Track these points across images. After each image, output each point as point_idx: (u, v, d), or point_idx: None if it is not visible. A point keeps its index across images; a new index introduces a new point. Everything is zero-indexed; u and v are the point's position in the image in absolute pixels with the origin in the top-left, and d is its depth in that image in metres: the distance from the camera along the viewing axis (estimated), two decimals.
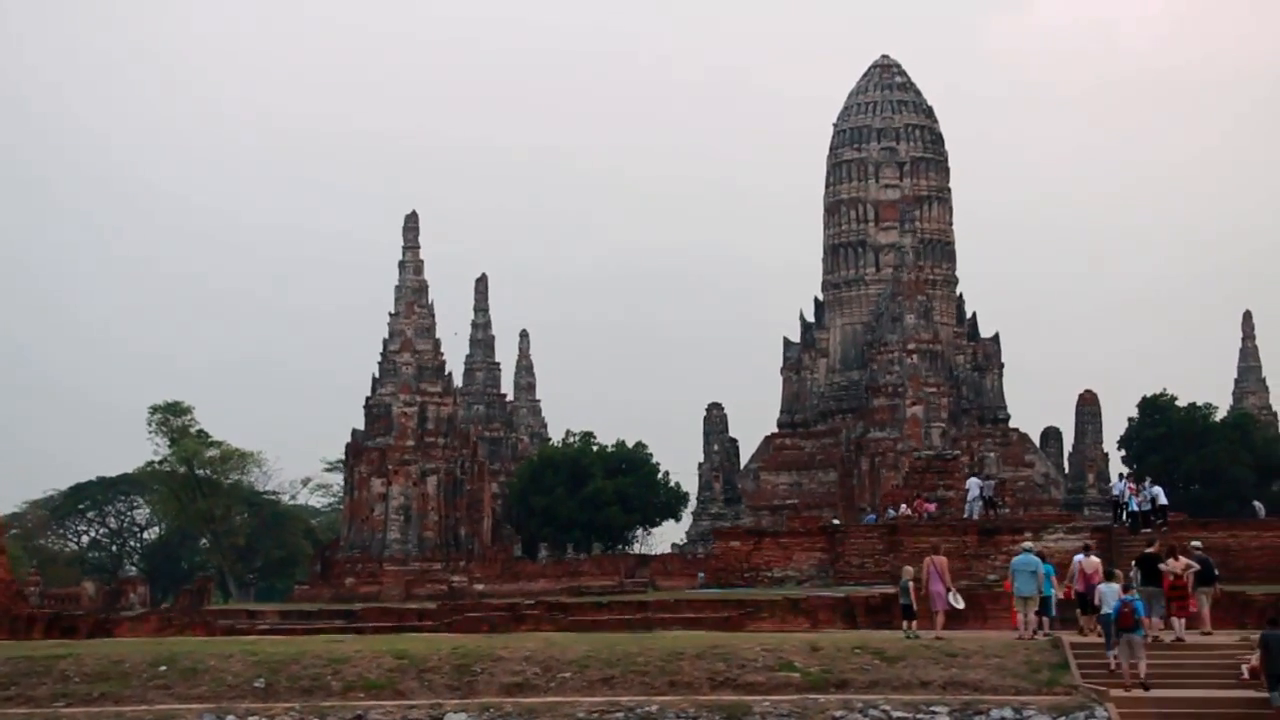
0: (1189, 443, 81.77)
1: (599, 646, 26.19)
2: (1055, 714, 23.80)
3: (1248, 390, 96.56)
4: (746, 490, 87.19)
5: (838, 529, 48.65)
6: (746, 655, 25.88)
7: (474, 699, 24.21)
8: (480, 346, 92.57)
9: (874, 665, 25.65)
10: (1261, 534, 46.68)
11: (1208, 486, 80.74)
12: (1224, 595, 34.23)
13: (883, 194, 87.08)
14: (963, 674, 25.42)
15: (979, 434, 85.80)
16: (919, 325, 77.53)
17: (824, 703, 24.21)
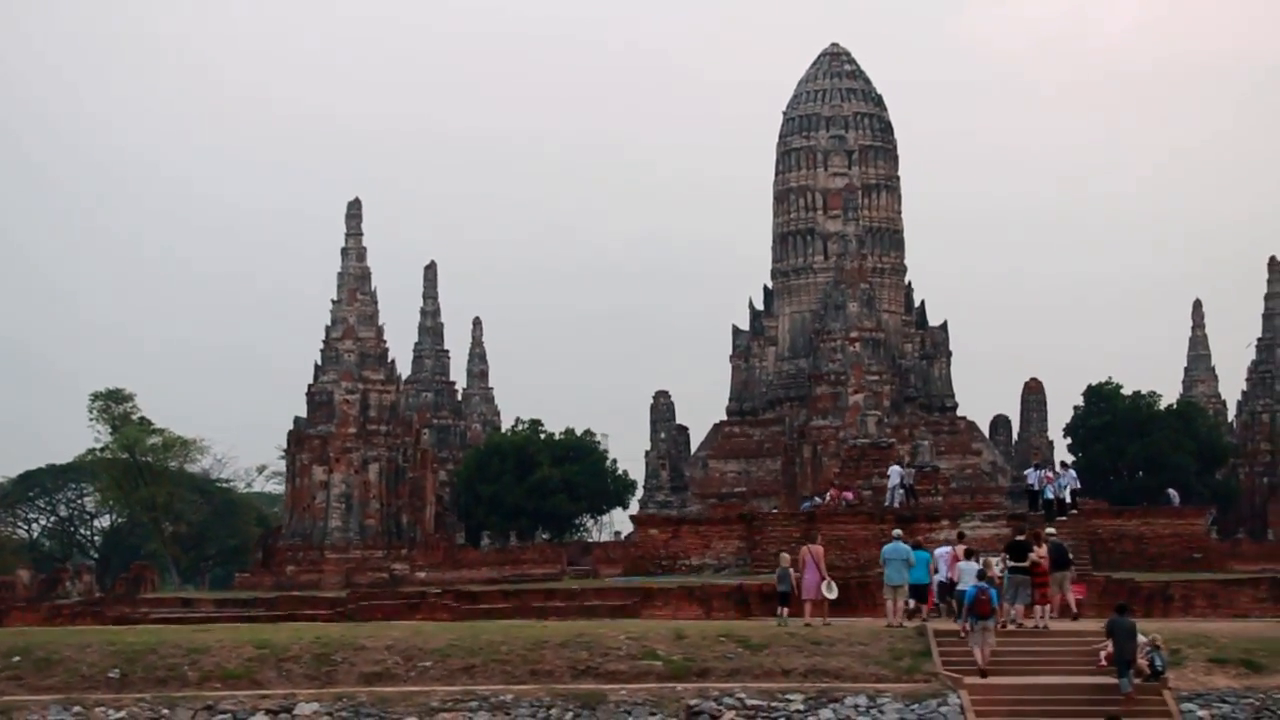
0: (1133, 431, 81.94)
1: (463, 636, 26.19)
2: (909, 701, 23.92)
3: (1197, 379, 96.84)
4: (695, 478, 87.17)
5: (755, 517, 48.74)
6: (610, 644, 25.93)
7: (331, 689, 24.18)
8: (429, 334, 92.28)
9: (737, 654, 25.72)
10: (1174, 522, 47.04)
11: (1151, 474, 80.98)
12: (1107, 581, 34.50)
13: (831, 182, 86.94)
14: (825, 662, 25.53)
15: (927, 422, 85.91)
16: (862, 314, 77.56)
17: (680, 691, 24.28)
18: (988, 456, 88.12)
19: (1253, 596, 33.57)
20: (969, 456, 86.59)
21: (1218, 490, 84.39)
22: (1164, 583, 34.28)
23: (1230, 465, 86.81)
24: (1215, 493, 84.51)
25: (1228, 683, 24.51)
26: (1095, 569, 44.21)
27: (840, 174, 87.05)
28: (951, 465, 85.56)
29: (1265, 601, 33.45)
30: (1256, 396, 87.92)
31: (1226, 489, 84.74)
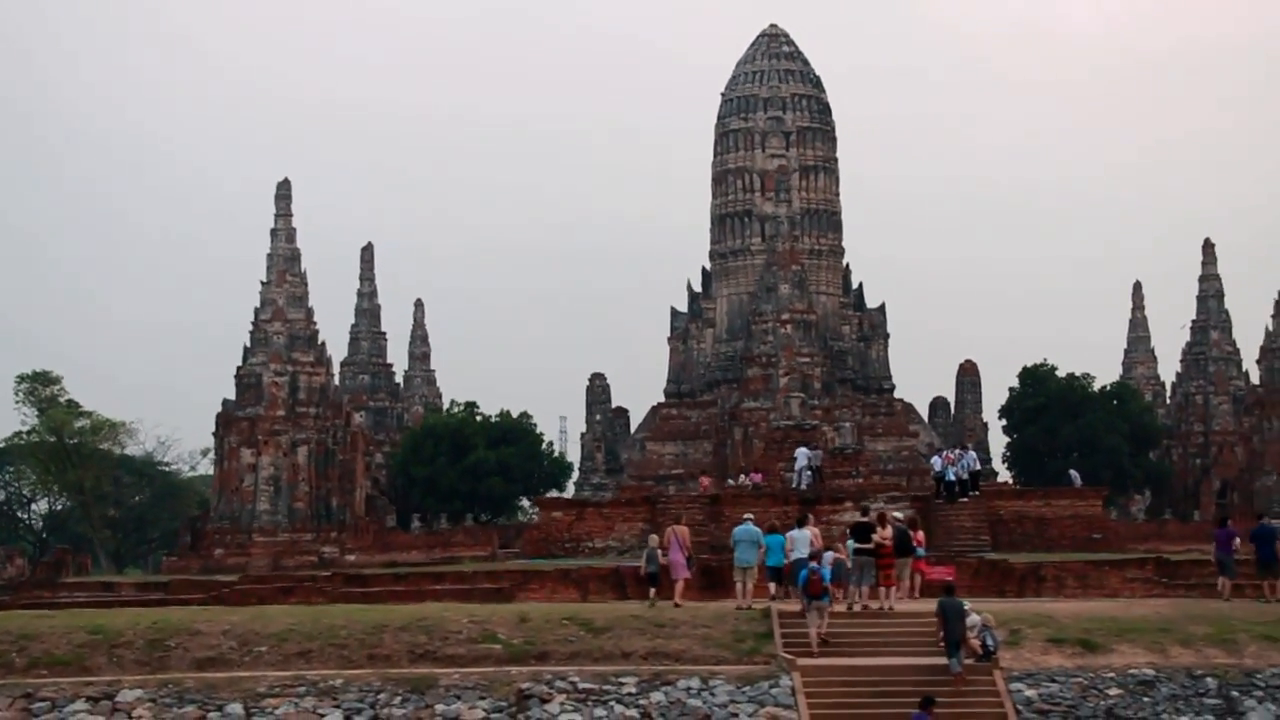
0: (1067, 412, 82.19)
1: (303, 620, 26.01)
2: (741, 683, 23.85)
3: (1137, 360, 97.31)
4: (633, 460, 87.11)
5: (659, 499, 48.68)
6: (451, 628, 25.78)
7: (160, 675, 23.97)
8: (366, 316, 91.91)
9: (579, 636, 25.60)
10: (1075, 503, 47.17)
11: (1085, 455, 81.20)
12: (985, 563, 34.55)
13: (769, 164, 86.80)
14: (666, 644, 25.43)
15: (863, 404, 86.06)
16: (793, 295, 77.52)
17: (515, 674, 24.15)
18: (924, 438, 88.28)
19: (1123, 577, 33.66)
20: (905, 438, 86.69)
21: (1151, 472, 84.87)
22: (1035, 563, 34.34)
23: (1164, 447, 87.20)
24: (1148, 474, 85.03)
25: (1061, 662, 24.53)
26: (996, 550, 44.37)
27: (778, 156, 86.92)
28: (888, 447, 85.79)
29: (1135, 581, 33.53)
30: (1190, 378, 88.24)
31: (1159, 470, 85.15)
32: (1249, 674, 24.06)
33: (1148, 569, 38.25)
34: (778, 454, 63.75)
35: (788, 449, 62.57)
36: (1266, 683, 23.84)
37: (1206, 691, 23.71)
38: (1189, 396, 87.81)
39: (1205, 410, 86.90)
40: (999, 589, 33.51)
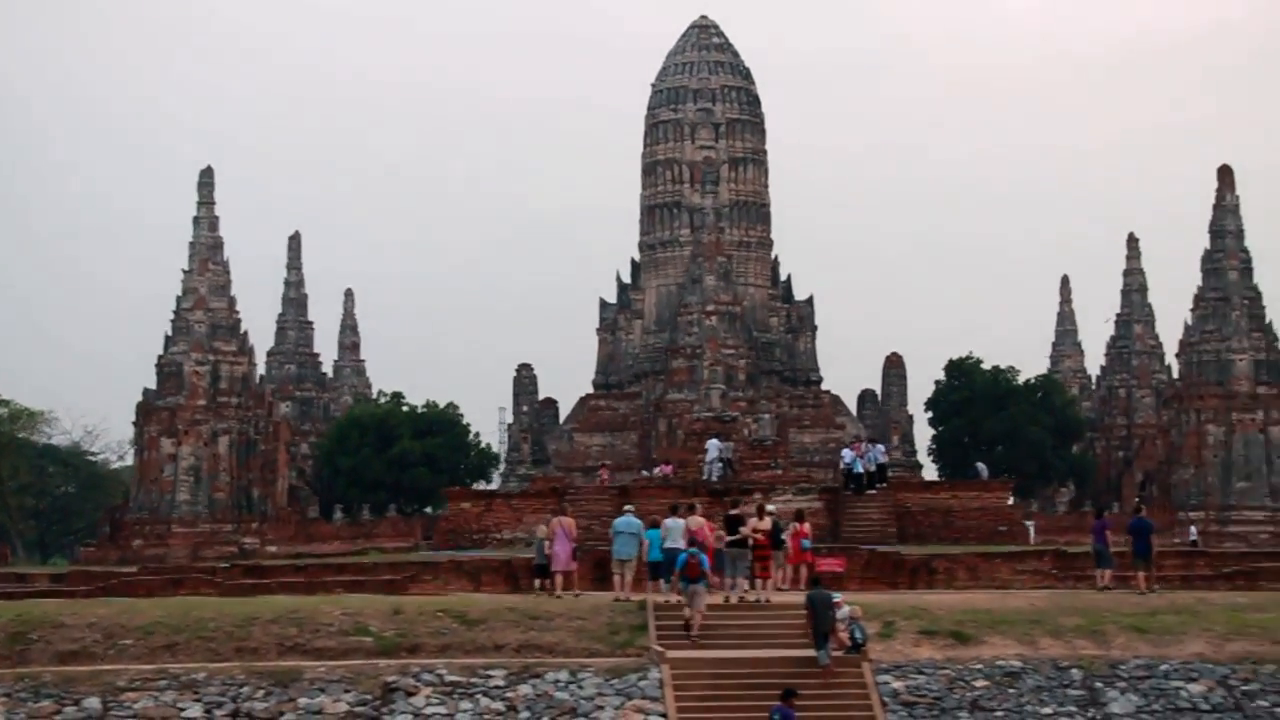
0: (992, 405, 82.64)
1: (172, 612, 25.72)
2: (610, 676, 23.80)
3: (1064, 354, 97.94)
4: (561, 451, 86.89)
5: (567, 491, 48.55)
6: (324, 620, 25.57)
7: (19, 669, 23.62)
8: (292, 305, 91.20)
9: (452, 629, 25.46)
10: (982, 495, 47.36)
11: (1010, 448, 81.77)
12: (876, 555, 34.65)
13: (698, 155, 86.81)
14: (540, 637, 25.34)
15: (790, 396, 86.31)
16: (719, 287, 77.55)
17: (383, 667, 23.98)
18: (851, 430, 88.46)
19: (1014, 569, 33.81)
20: (832, 430, 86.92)
21: (1074, 464, 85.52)
22: (927, 555, 34.47)
23: (1088, 440, 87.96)
24: (1071, 467, 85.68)
25: (931, 654, 24.62)
26: (903, 542, 44.50)
27: (707, 147, 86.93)
28: (815, 439, 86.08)
29: (1026, 574, 33.72)
30: (1114, 372, 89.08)
31: (1083, 463, 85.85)
32: (1114, 665, 24.24)
33: (1046, 561, 38.45)
34: (698, 445, 63.76)
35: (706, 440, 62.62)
36: (1130, 674, 24.02)
37: (1071, 683, 23.87)
38: (1112, 390, 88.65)
39: (1128, 403, 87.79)
40: (891, 581, 33.57)
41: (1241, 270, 74.38)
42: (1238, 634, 25.31)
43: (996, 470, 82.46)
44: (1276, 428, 72.99)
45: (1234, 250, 74.36)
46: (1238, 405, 72.96)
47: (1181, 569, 36.65)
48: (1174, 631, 25.42)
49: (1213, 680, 23.83)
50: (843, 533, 45.81)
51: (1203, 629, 25.53)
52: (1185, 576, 33.77)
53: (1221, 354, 73.61)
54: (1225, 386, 73.28)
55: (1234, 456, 72.76)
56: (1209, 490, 72.74)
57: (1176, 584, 33.23)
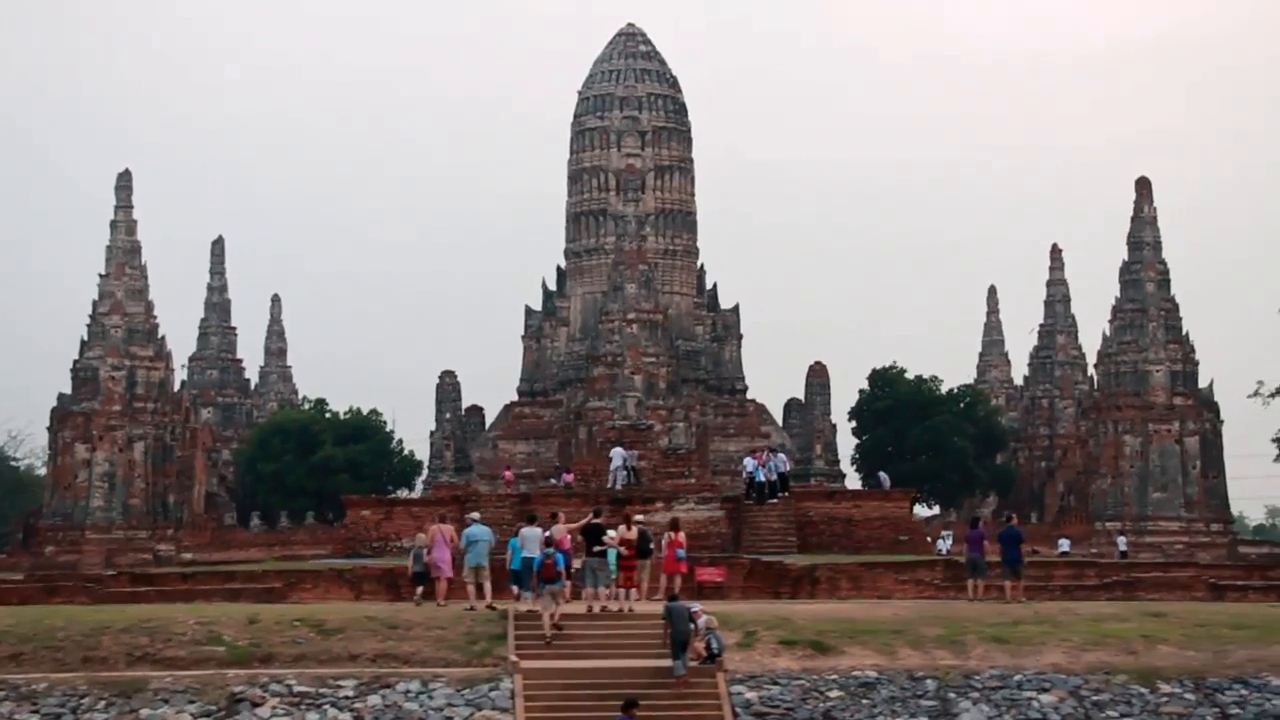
0: (915, 414, 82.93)
1: (22, 621, 25.26)
2: (462, 686, 23.54)
3: (991, 363, 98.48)
4: (485, 459, 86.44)
5: (469, 498, 48.27)
6: (177, 630, 25.16)
7: None
8: (215, 310, 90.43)
9: (309, 638, 25.13)
10: (884, 504, 47.45)
11: (933, 458, 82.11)
12: (760, 565, 34.58)
13: (624, 163, 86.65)
14: (397, 646, 25.04)
15: (715, 405, 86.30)
16: (640, 295, 77.43)
17: (231, 678, 23.60)
18: (776, 439, 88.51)
19: (896, 579, 33.82)
20: (757, 439, 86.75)
21: (997, 474, 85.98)
22: (810, 565, 34.42)
23: (1011, 450, 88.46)
24: (995, 477, 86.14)
25: (789, 664, 24.51)
26: (804, 551, 44.52)
27: (633, 155, 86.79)
28: (739, 448, 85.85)
29: (909, 583, 33.73)
30: (1038, 382, 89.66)
31: (1006, 473, 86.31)
32: (969, 675, 24.21)
33: (936, 570, 38.63)
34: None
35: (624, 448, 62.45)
36: (984, 684, 24.00)
37: (925, 693, 23.81)
38: (1035, 400, 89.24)
39: (1050, 414, 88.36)
40: (773, 590, 33.53)
41: (1159, 282, 75.01)
42: (1096, 645, 25.36)
43: (919, 480, 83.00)
44: (1192, 439, 73.59)
45: (1151, 262, 75.00)
46: (1154, 416, 73.52)
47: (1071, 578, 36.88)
48: (1033, 642, 25.44)
49: (1065, 691, 23.84)
50: (743, 541, 45.80)
51: (1061, 639, 25.56)
52: (1066, 587, 33.90)
53: (1139, 365, 74.19)
54: (1142, 397, 73.85)
55: (1150, 467, 73.31)
56: (1126, 501, 73.24)
57: (1058, 594, 33.39)
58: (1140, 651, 25.15)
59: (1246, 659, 24.81)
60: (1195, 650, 25.17)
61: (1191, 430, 73.56)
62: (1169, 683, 24.02)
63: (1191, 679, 24.13)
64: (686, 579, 32.18)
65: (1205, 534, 72.41)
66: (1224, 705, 23.56)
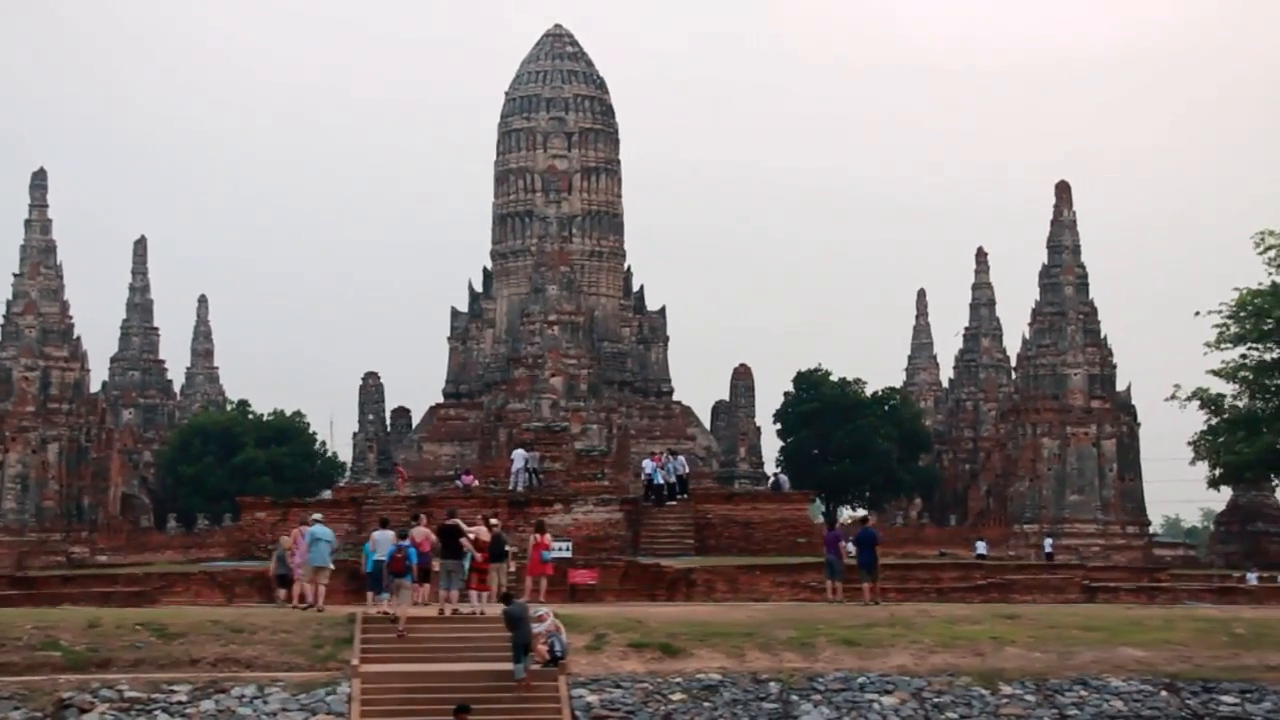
0: (840, 417, 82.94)
1: None
2: (298, 691, 23.24)
3: (920, 366, 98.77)
4: (410, 461, 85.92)
5: (365, 498, 47.92)
6: (14, 634, 24.74)
7: None
8: (137, 310, 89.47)
9: (150, 643, 24.77)
10: (782, 507, 47.38)
11: (856, 461, 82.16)
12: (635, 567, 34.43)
13: (551, 164, 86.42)
14: (240, 650, 24.72)
15: (641, 407, 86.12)
16: (562, 297, 77.14)
17: (62, 683, 23.21)
18: (702, 442, 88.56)
19: (773, 581, 33.73)
20: (683, 442, 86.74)
21: (921, 477, 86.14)
22: (687, 567, 34.30)
23: (936, 453, 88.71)
24: (919, 479, 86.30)
25: (635, 667, 24.36)
26: (703, 554, 44.39)
27: (560, 156, 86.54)
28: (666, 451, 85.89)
29: (784, 586, 33.65)
30: (962, 384, 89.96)
31: (929, 476, 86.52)
32: (813, 678, 24.13)
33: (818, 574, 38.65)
34: None
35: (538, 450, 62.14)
36: (827, 686, 23.92)
37: (768, 696, 23.71)
38: (960, 403, 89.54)
39: (975, 417, 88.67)
40: (649, 593, 33.38)
41: (1078, 285, 75.43)
42: (945, 647, 25.34)
43: (843, 483, 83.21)
44: (1109, 441, 74.03)
45: (1070, 265, 75.40)
46: (1072, 419, 73.91)
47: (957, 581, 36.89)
48: (883, 644, 25.40)
49: (907, 692, 23.80)
50: (641, 544, 45.64)
51: (911, 641, 25.53)
52: (943, 589, 33.93)
53: (1057, 368, 74.56)
54: (1060, 400, 74.22)
55: (1068, 470, 73.70)
56: (1044, 503, 73.58)
57: (933, 596, 33.41)
58: (987, 653, 25.15)
59: (1091, 660, 24.85)
60: (1042, 652, 25.20)
61: (1109, 433, 74.01)
62: (1011, 684, 24.03)
63: (1034, 680, 24.15)
64: (557, 580, 32.11)
65: (1121, 536, 72.89)
66: (1062, 706, 23.57)
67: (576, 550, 44.04)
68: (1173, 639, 25.75)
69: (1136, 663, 24.76)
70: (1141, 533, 74.12)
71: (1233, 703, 23.61)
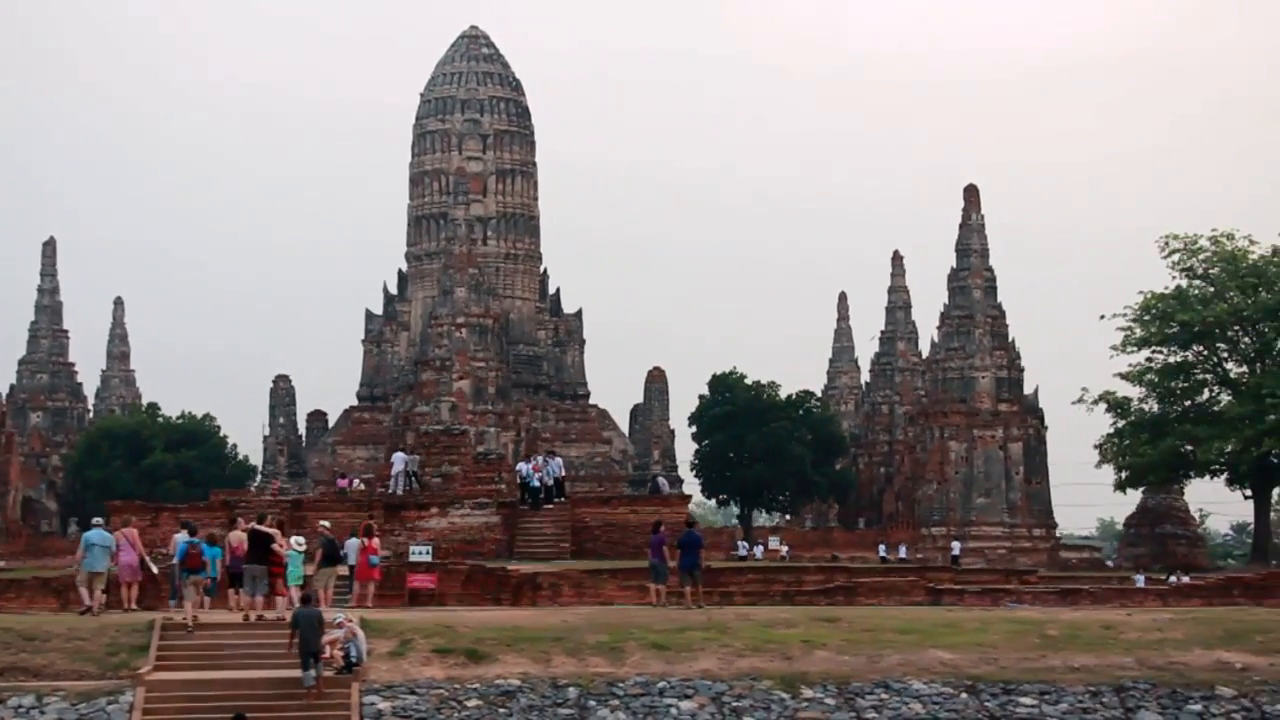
0: (753, 420, 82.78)
1: None
2: (78, 700, 22.68)
3: (841, 370, 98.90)
4: (324, 464, 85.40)
5: (239, 502, 47.25)
6: None
7: None
8: (46, 313, 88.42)
9: None
10: (660, 510, 46.93)
11: (770, 464, 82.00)
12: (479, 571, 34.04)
13: (466, 166, 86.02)
14: (31, 659, 24.14)
15: (556, 410, 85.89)
16: (470, 299, 76.78)
17: None
18: (618, 444, 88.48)
19: (619, 585, 33.36)
20: (599, 444, 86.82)
21: (836, 481, 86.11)
22: (533, 572, 33.90)
23: (851, 456, 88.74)
24: (834, 483, 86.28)
25: (435, 673, 23.92)
26: (580, 557, 43.98)
27: (474, 158, 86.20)
28: (581, 453, 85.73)
29: (631, 589, 33.25)
30: (878, 388, 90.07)
31: (844, 479, 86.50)
32: (614, 683, 23.79)
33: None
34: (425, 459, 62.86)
35: (436, 454, 61.67)
36: (626, 691, 23.59)
37: (565, 701, 23.36)
38: (876, 406, 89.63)
39: (890, 420, 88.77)
40: (494, 597, 32.95)
41: (985, 289, 75.60)
42: (755, 651, 25.05)
43: (757, 487, 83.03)
44: (1016, 444, 74.23)
45: (979, 269, 75.58)
46: (979, 422, 74.06)
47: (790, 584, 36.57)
48: (693, 648, 25.08)
49: (706, 697, 23.50)
50: (516, 547, 45.22)
51: (723, 646, 25.24)
52: (786, 592, 33.70)
53: (965, 371, 74.72)
54: (968, 403, 74.36)
55: (975, 473, 73.84)
56: (951, 506, 73.68)
57: (778, 600, 33.18)
58: (796, 657, 24.88)
59: (898, 663, 24.63)
60: (851, 655, 24.96)
61: (1015, 436, 74.22)
62: (813, 688, 23.78)
63: (836, 684, 23.90)
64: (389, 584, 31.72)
65: (1028, 539, 73.08)
66: (861, 710, 23.33)
67: (451, 554, 43.73)
68: (984, 641, 25.57)
69: (942, 665, 24.56)
70: (1048, 535, 74.35)
71: (1030, 704, 23.44)
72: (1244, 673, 24.41)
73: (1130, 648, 25.42)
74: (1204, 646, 25.44)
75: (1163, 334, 66.22)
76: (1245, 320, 66.02)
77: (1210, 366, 67.89)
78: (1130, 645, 25.54)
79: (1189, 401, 68.00)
